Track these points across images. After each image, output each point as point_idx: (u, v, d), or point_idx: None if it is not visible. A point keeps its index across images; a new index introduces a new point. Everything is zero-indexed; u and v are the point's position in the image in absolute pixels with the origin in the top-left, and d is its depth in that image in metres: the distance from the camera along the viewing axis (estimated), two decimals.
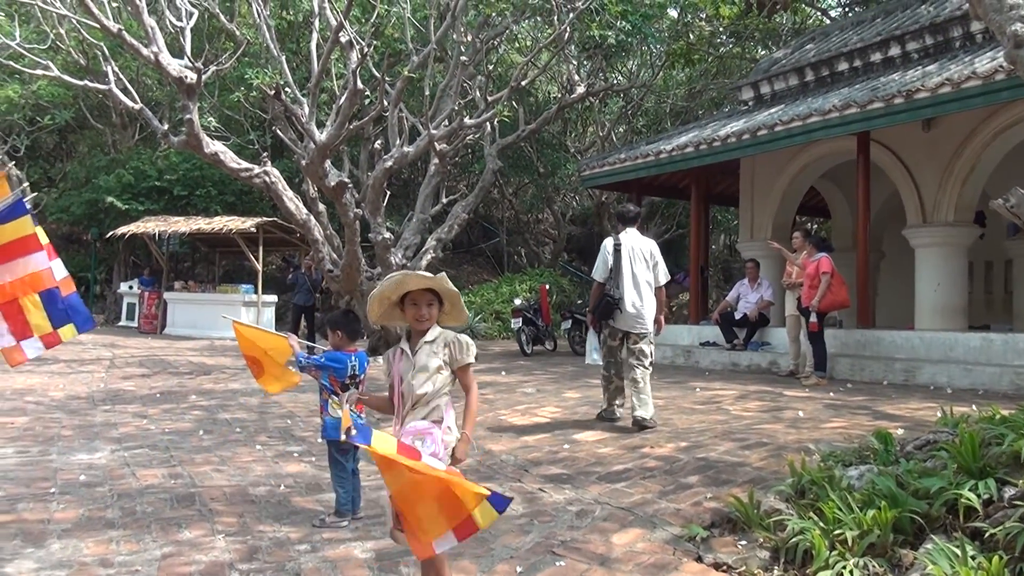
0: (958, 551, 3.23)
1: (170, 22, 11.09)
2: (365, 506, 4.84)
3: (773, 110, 12.63)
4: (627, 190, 16.21)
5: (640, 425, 6.62)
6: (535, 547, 4.07)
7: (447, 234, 14.74)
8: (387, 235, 12.60)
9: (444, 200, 15.67)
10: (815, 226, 21.49)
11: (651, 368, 6.92)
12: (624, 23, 14.17)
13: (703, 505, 4.47)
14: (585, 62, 18.95)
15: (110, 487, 5.31)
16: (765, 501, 4.20)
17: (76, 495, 5.10)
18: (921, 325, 10.80)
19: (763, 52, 19.69)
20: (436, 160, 13.81)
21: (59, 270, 4.72)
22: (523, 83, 15.33)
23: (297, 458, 6.16)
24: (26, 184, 4.96)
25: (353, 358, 4.64)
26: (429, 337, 3.37)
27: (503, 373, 10.80)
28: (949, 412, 5.14)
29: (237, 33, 14.10)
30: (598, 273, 7.14)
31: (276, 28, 14.77)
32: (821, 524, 3.68)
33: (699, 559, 3.80)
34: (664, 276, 7.13)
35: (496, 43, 16.43)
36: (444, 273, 3.37)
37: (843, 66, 12.69)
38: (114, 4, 12.24)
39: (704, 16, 19.54)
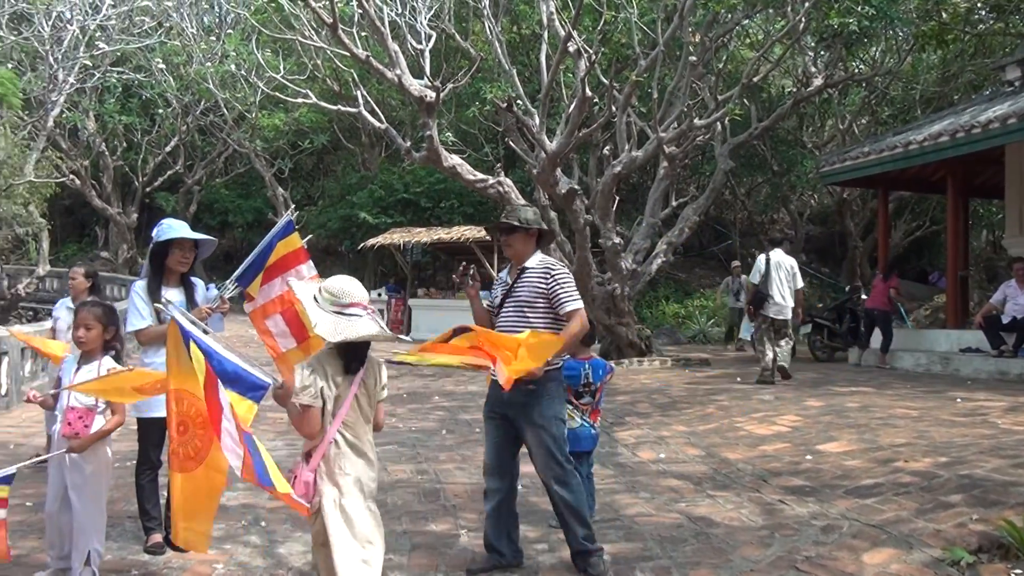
0: None
1: (411, 46, 11.83)
2: (599, 509, 4.88)
3: None
4: (871, 186, 15.18)
5: (784, 372, 9.98)
6: (777, 561, 3.91)
7: (678, 238, 14.54)
8: (617, 240, 12.63)
9: (674, 203, 15.44)
10: None
11: (792, 342, 10.54)
12: (866, 7, 13.20)
13: (968, 527, 4.08)
14: (822, 52, 17.91)
15: None
16: None
17: None
18: None
19: None
20: (665, 163, 13.67)
21: (310, 270, 4.97)
22: (755, 79, 14.79)
23: None
24: (292, 207, 5.34)
25: (587, 365, 4.69)
26: None
27: (738, 380, 10.46)
28: None
29: (471, 51, 14.76)
30: (754, 278, 10.25)
31: (507, 43, 15.28)
32: None
33: None
34: (800, 283, 10.22)
35: (726, 40, 15.93)
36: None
37: None
38: (363, 34, 13.24)
39: None
